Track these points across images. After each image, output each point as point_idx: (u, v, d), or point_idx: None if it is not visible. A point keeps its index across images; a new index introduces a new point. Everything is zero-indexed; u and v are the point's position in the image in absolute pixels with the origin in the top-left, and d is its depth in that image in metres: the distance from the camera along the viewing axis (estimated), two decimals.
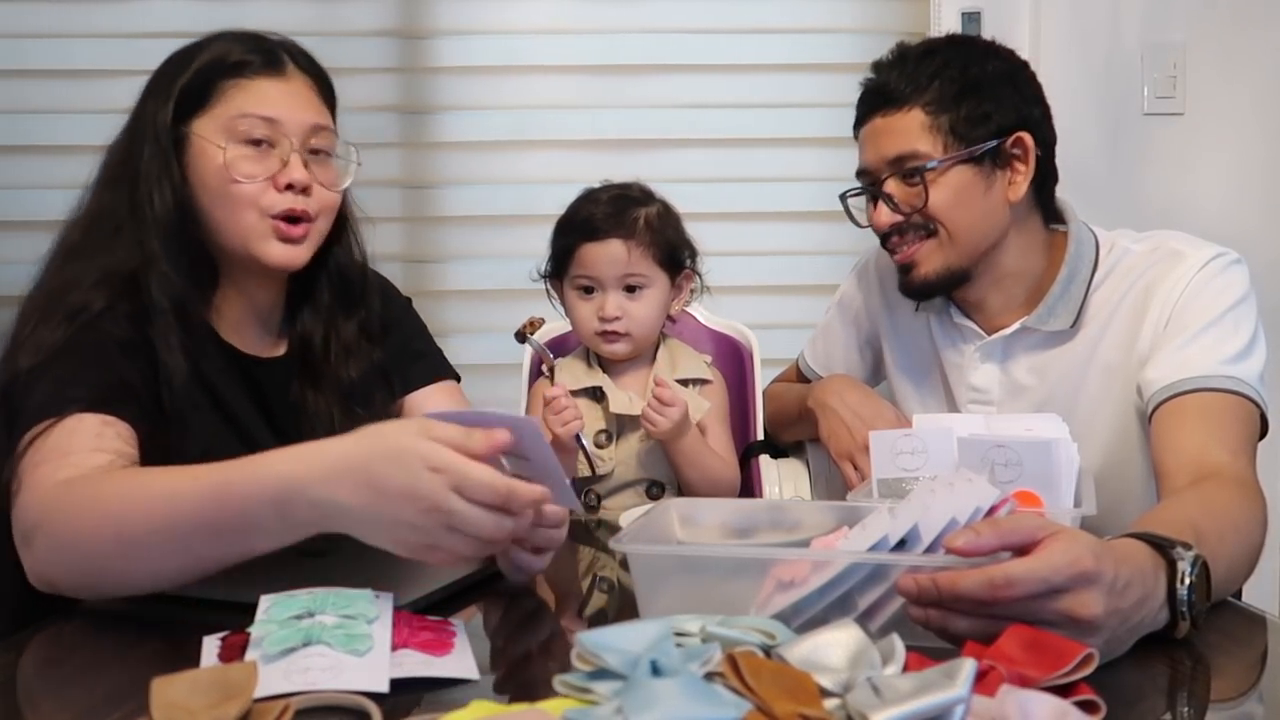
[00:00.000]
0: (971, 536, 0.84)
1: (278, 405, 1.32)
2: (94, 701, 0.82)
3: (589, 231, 1.58)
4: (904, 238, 1.45)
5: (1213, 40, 2.33)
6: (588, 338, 1.63)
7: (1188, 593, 0.89)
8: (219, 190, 1.23)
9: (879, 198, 1.45)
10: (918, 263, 1.45)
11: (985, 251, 1.45)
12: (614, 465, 1.59)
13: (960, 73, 1.42)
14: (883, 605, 0.89)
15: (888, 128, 1.44)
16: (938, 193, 1.41)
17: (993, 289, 1.48)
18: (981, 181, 1.42)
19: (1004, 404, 1.50)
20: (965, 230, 1.43)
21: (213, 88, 1.24)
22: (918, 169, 1.41)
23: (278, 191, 1.24)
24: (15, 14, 2.36)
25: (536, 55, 2.39)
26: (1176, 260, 1.40)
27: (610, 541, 0.96)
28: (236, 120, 1.23)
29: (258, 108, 1.24)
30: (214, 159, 1.23)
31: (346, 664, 0.82)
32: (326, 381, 1.33)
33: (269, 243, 1.25)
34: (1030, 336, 1.48)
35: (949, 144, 1.41)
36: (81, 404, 1.10)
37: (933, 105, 1.41)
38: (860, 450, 1.49)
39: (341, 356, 1.34)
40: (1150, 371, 1.34)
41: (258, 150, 1.24)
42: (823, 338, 1.78)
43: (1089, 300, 1.44)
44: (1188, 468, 1.21)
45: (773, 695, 0.71)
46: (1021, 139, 1.43)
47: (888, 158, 1.44)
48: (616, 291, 1.59)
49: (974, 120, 1.41)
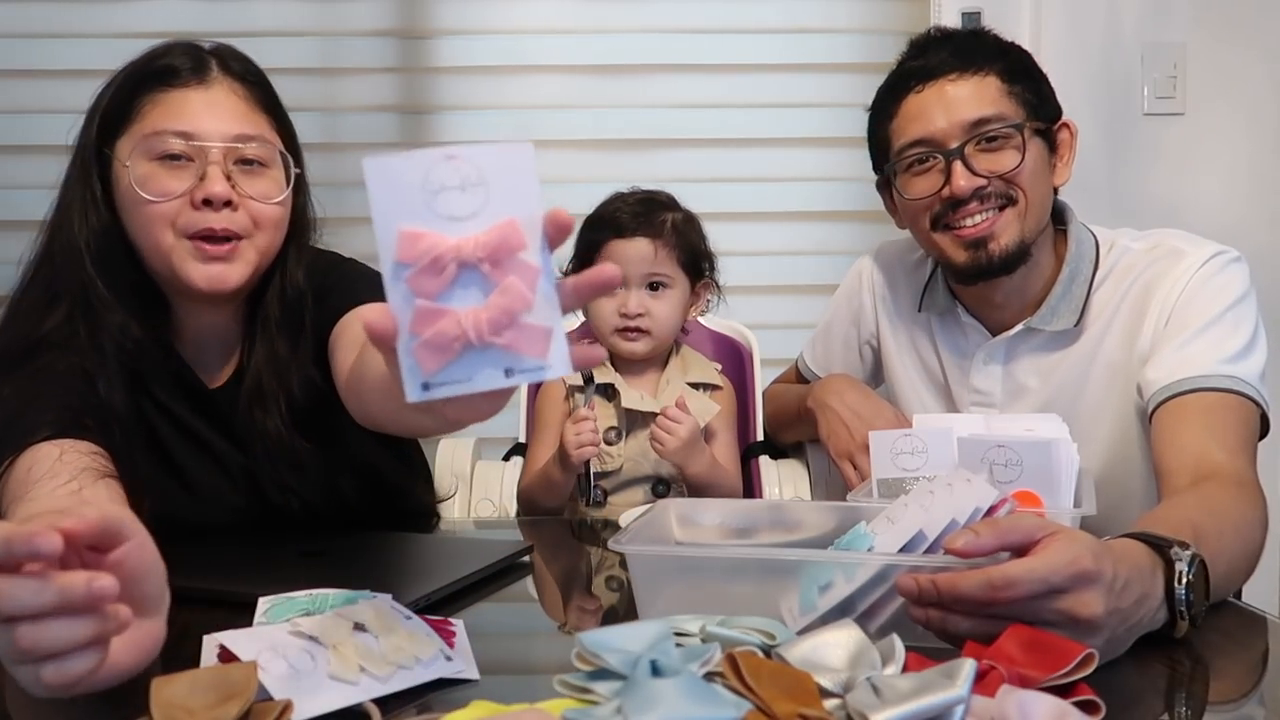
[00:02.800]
0: (970, 537, 0.84)
1: (238, 427, 1.29)
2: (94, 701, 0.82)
3: (618, 229, 1.61)
4: (984, 204, 1.40)
5: (1213, 40, 2.33)
6: (606, 335, 1.64)
7: (1185, 592, 0.89)
8: (134, 211, 1.19)
9: (955, 164, 1.39)
10: (996, 234, 1.40)
11: (1043, 231, 1.45)
12: (622, 461, 1.60)
13: (1020, 53, 1.45)
14: (883, 605, 0.89)
15: (964, 91, 1.40)
16: (1029, 155, 1.39)
17: (1024, 277, 1.46)
18: (1050, 155, 1.44)
19: (1006, 406, 1.50)
20: (1039, 201, 1.42)
21: (131, 106, 1.19)
22: (1017, 125, 1.39)
23: (194, 209, 1.17)
24: (15, 14, 2.36)
25: (537, 55, 2.39)
26: (1176, 258, 1.39)
27: (610, 542, 0.96)
28: (150, 138, 1.17)
29: (173, 122, 1.17)
30: (127, 178, 1.18)
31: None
32: (271, 402, 1.27)
33: (190, 264, 1.18)
34: (1034, 338, 1.47)
35: (1028, 114, 1.41)
36: (48, 431, 1.09)
37: (1008, 74, 1.41)
38: (859, 449, 1.48)
39: (284, 375, 1.27)
40: (1150, 371, 1.34)
41: (174, 166, 1.18)
42: (822, 338, 1.78)
43: (1091, 300, 1.44)
44: (1188, 467, 1.21)
45: (773, 695, 0.71)
46: (1068, 126, 1.46)
47: (967, 121, 1.39)
48: (640, 289, 1.61)
49: (1039, 97, 1.43)
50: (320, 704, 0.78)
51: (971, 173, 1.38)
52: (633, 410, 1.61)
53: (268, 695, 0.77)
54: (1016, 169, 1.38)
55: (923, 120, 1.42)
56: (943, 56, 1.42)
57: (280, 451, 1.27)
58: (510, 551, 1.20)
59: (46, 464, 1.07)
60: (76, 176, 1.21)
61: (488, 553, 1.17)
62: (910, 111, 1.43)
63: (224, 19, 2.35)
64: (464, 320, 0.70)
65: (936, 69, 1.42)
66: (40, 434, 1.09)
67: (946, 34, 1.48)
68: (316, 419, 1.28)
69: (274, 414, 1.25)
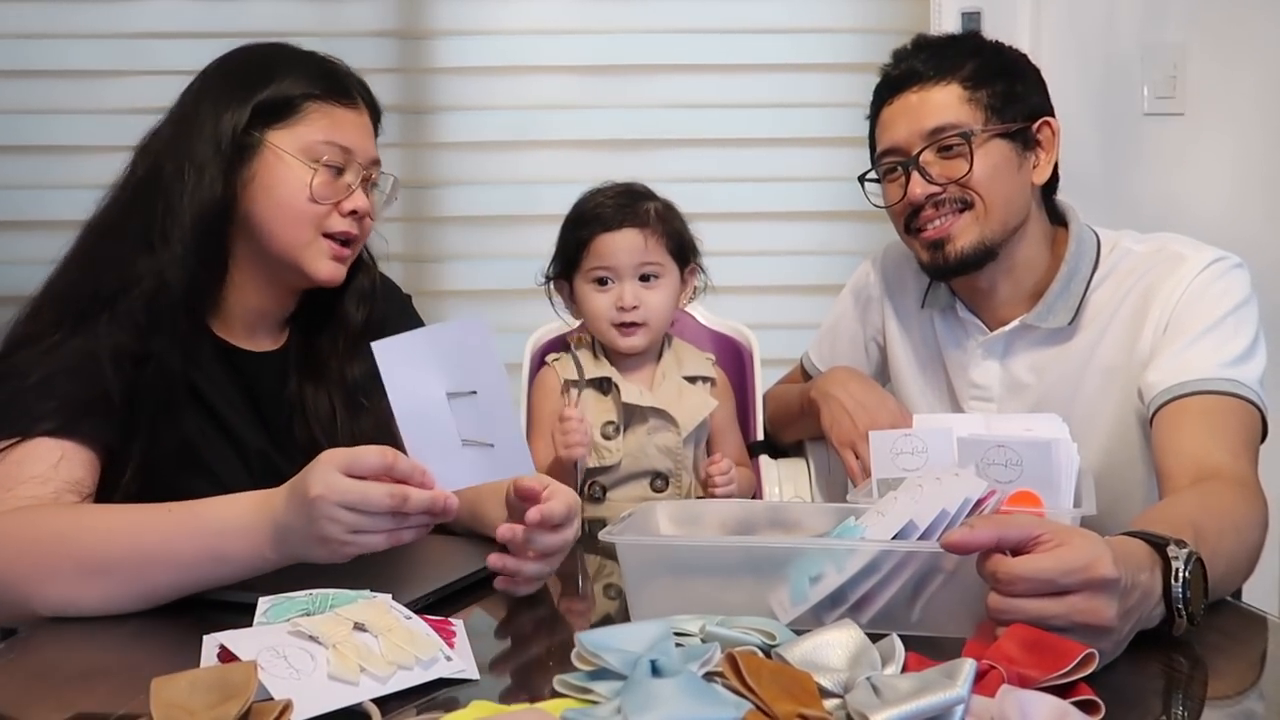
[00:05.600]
0: (965, 531, 0.84)
1: (268, 400, 1.32)
2: (94, 701, 0.82)
3: (604, 223, 1.61)
4: (939, 210, 1.45)
5: (1213, 40, 2.33)
6: (603, 331, 1.63)
7: (1183, 589, 0.89)
8: (289, 204, 1.25)
9: (911, 172, 1.45)
10: (953, 236, 1.45)
11: (1014, 230, 1.46)
12: (620, 457, 1.60)
13: (994, 54, 1.46)
14: (875, 596, 0.90)
15: (924, 102, 1.45)
16: (980, 161, 1.42)
17: (1005, 277, 1.48)
18: (1016, 158, 1.45)
19: (1004, 401, 1.50)
20: (1000, 203, 1.44)
21: (296, 106, 1.26)
22: (965, 134, 1.42)
23: (341, 216, 1.28)
24: (15, 14, 2.36)
25: (536, 55, 2.39)
26: (1177, 263, 1.40)
27: (600, 534, 0.97)
28: (320, 144, 1.26)
29: (339, 135, 1.27)
30: (296, 174, 1.25)
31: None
32: (329, 378, 1.34)
33: (322, 260, 1.28)
34: (1030, 334, 1.48)
35: (988, 118, 1.43)
36: (50, 425, 1.11)
37: (970, 80, 1.44)
38: (862, 438, 1.48)
39: (345, 354, 1.35)
40: (1151, 374, 1.34)
41: (331, 174, 1.27)
42: (829, 336, 1.78)
43: (1088, 299, 1.45)
44: (1189, 469, 1.21)
45: (773, 695, 0.71)
46: (1048, 124, 1.46)
47: (925, 130, 1.44)
48: (633, 281, 1.61)
49: (1008, 98, 1.44)
50: (320, 704, 0.78)
51: (926, 180, 1.44)
52: (631, 405, 1.60)
53: (268, 695, 0.77)
54: (966, 175, 1.42)
55: (891, 130, 1.48)
56: (912, 66, 1.47)
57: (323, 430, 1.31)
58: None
59: (41, 466, 1.10)
60: (211, 152, 1.24)
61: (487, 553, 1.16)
62: (884, 121, 1.50)
63: (224, 19, 2.35)
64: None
65: (903, 80, 1.47)
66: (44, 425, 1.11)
67: (922, 43, 1.50)
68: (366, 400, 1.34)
69: (330, 390, 1.34)
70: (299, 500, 0.98)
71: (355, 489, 0.96)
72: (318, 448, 1.28)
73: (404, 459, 0.98)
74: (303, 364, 1.35)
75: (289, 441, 1.31)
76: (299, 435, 1.32)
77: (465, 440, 0.99)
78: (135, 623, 1.03)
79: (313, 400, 1.33)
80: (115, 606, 1.03)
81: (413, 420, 0.99)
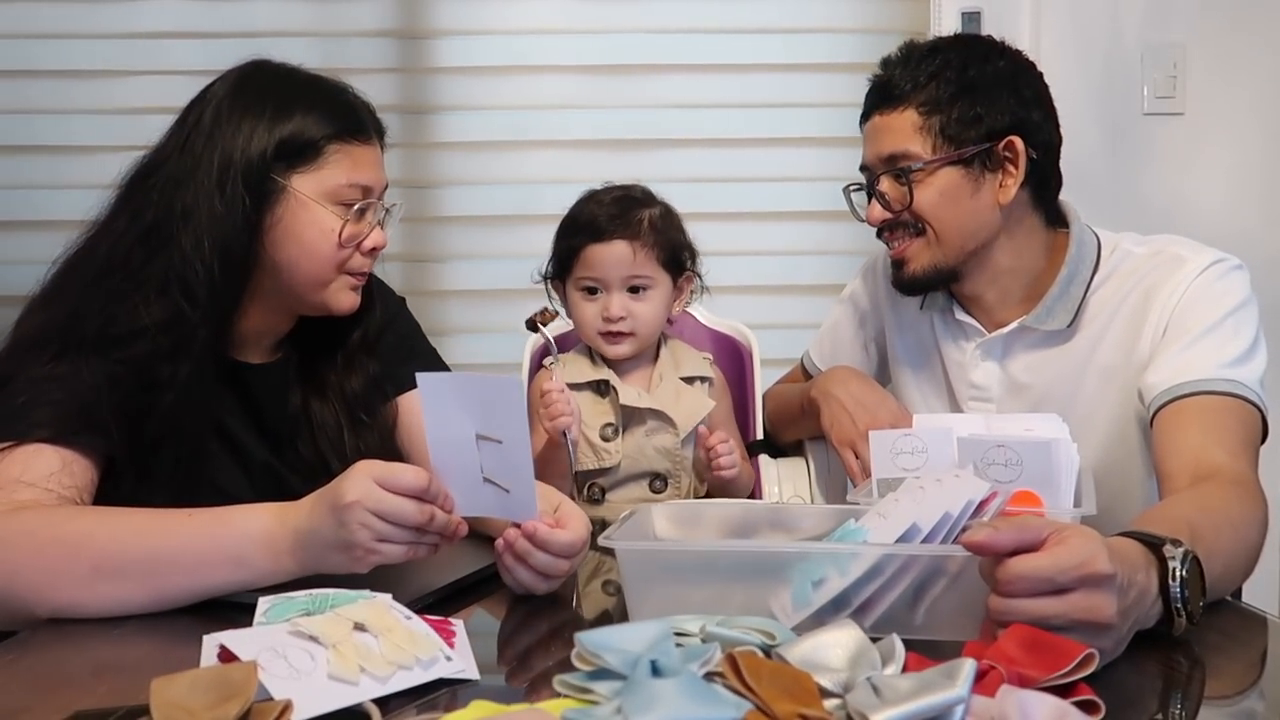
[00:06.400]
0: (990, 532, 0.84)
1: (271, 412, 1.31)
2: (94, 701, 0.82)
3: (594, 233, 1.59)
4: (894, 234, 1.48)
5: (1213, 40, 2.33)
6: (591, 338, 1.63)
7: (1180, 588, 0.89)
8: (316, 250, 1.24)
9: (872, 195, 1.48)
10: (907, 260, 1.48)
11: (974, 251, 1.46)
12: (619, 458, 1.60)
13: (958, 74, 1.44)
14: (878, 599, 0.89)
15: (884, 126, 1.46)
16: (923, 193, 1.43)
17: (989, 285, 1.49)
18: (969, 184, 1.44)
19: (1003, 402, 1.50)
20: (952, 230, 1.44)
21: (319, 148, 1.24)
22: (905, 169, 1.43)
23: (362, 254, 1.28)
24: (16, 14, 2.36)
25: (537, 55, 2.39)
26: (1177, 265, 1.40)
27: (599, 538, 0.97)
28: (344, 188, 1.24)
29: (360, 176, 1.25)
30: (323, 221, 1.23)
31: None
32: (332, 391, 1.34)
33: (343, 294, 1.28)
34: (1029, 335, 1.48)
35: (938, 145, 1.43)
36: (46, 432, 1.11)
37: (926, 106, 1.43)
38: (861, 438, 1.48)
39: (343, 368, 1.35)
40: (1151, 375, 1.34)
41: (356, 217, 1.26)
42: (829, 335, 1.78)
43: (1088, 301, 1.45)
44: (1188, 469, 1.21)
45: (773, 695, 0.71)
46: (1012, 143, 1.43)
47: (882, 155, 1.46)
48: (621, 292, 1.60)
49: (965, 122, 1.43)
50: (320, 704, 0.78)
51: (884, 205, 1.47)
52: (629, 407, 1.60)
53: (268, 695, 0.77)
54: (909, 206, 1.44)
55: (864, 148, 1.51)
56: (889, 78, 1.47)
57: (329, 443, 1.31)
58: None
59: (43, 472, 1.09)
60: (233, 195, 1.20)
61: (488, 553, 1.16)
62: (863, 137, 1.52)
63: (224, 19, 2.35)
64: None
65: (875, 97, 1.49)
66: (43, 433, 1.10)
67: (903, 54, 1.49)
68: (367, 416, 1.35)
69: (333, 403, 1.33)
70: (328, 506, 0.99)
71: (390, 500, 0.98)
72: (324, 462, 1.29)
73: (436, 482, 1.02)
74: (304, 378, 1.34)
75: (293, 455, 1.31)
76: (304, 450, 1.31)
77: (487, 478, 1.04)
78: (135, 623, 1.03)
79: (319, 415, 1.33)
80: (126, 610, 1.03)
81: (443, 448, 1.05)
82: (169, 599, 1.04)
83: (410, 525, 0.99)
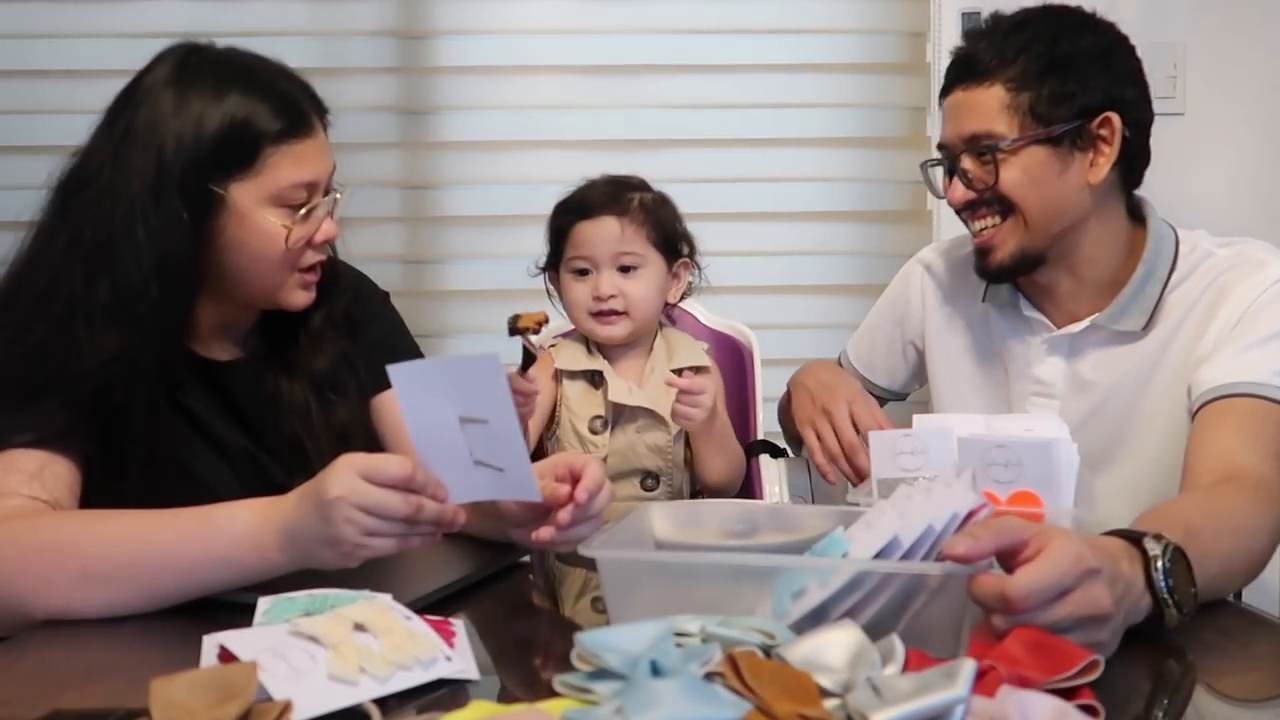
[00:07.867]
0: (970, 542, 0.84)
1: (245, 399, 1.30)
2: (94, 701, 0.82)
3: (583, 210, 1.60)
4: (977, 214, 1.43)
5: (1213, 40, 2.33)
6: (583, 321, 1.62)
7: (1164, 577, 0.89)
8: (263, 256, 1.21)
9: (954, 174, 1.44)
10: (995, 247, 1.43)
11: (1061, 234, 1.42)
12: (606, 452, 1.58)
13: (1048, 48, 1.39)
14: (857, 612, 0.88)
15: (968, 102, 1.41)
16: (1009, 172, 1.39)
17: (1067, 275, 1.45)
18: (1057, 162, 1.39)
19: (1067, 399, 1.47)
20: (1039, 211, 1.40)
21: (255, 154, 1.18)
22: (991, 148, 1.39)
23: (313, 248, 1.24)
24: (16, 14, 2.36)
25: (537, 55, 2.38)
26: (1256, 268, 1.37)
27: (580, 547, 0.95)
28: (287, 190, 1.20)
29: (304, 173, 1.21)
30: (267, 228, 1.20)
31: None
32: (299, 371, 1.32)
33: (296, 292, 1.26)
34: (1100, 334, 1.45)
35: (1026, 124, 1.38)
36: (27, 437, 1.10)
37: (1015, 82, 1.39)
38: (819, 415, 1.52)
39: (308, 349, 1.32)
40: (1204, 372, 1.31)
41: (299, 213, 1.22)
42: (867, 336, 1.76)
43: (1164, 301, 1.41)
44: (1212, 469, 1.19)
45: (773, 695, 0.71)
46: (1109, 119, 1.39)
47: (964, 134, 1.42)
48: (611, 270, 1.59)
49: (1056, 99, 1.38)
50: (320, 704, 0.78)
51: (965, 185, 1.42)
52: (619, 403, 1.59)
53: (268, 695, 0.77)
54: (994, 185, 1.39)
55: (944, 126, 1.47)
56: (972, 51, 1.43)
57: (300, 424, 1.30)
58: (510, 552, 1.19)
59: (20, 478, 1.08)
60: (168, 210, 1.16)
61: (487, 553, 1.17)
62: (943, 114, 1.48)
63: (224, 19, 2.35)
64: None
65: (959, 70, 1.44)
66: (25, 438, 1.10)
67: (990, 25, 1.44)
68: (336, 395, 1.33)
69: (301, 383, 1.31)
70: (314, 502, 0.98)
71: (375, 493, 0.97)
72: (299, 441, 1.28)
73: (422, 471, 0.99)
74: (273, 363, 1.33)
75: (273, 437, 1.30)
76: (283, 429, 1.30)
77: (477, 461, 1.01)
78: (135, 623, 1.03)
79: (288, 395, 1.31)
80: (118, 611, 1.03)
81: (426, 437, 1.01)
82: (163, 599, 1.04)
83: (397, 518, 0.98)
